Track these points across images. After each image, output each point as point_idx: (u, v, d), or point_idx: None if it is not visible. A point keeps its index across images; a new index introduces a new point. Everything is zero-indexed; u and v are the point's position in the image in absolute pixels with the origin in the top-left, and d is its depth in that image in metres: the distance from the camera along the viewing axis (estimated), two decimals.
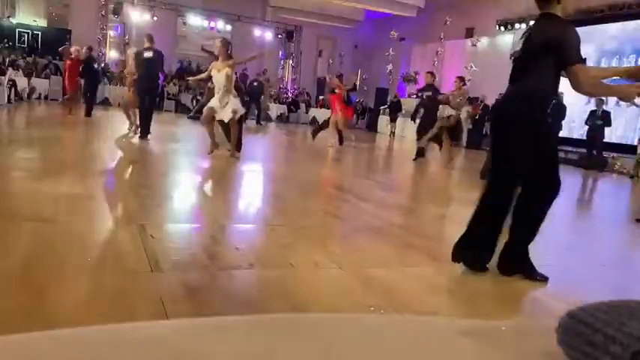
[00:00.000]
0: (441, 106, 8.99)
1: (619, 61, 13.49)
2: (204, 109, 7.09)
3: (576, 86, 2.64)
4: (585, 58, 2.71)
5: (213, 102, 6.94)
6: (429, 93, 9.68)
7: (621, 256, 4.27)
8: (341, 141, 11.01)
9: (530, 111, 2.68)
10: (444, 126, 8.95)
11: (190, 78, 8.91)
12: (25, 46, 18.20)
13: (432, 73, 10.18)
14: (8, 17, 18.32)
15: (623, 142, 13.06)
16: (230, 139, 7.17)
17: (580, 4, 3.47)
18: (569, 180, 8.96)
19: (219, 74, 6.90)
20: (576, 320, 0.51)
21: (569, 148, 12.85)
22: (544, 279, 2.88)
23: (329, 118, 11.37)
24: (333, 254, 3.06)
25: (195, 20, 20.81)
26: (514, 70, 2.82)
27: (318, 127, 11.38)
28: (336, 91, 11.01)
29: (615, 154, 12.48)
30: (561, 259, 3.56)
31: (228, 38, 8.68)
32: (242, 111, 7.20)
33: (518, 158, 2.78)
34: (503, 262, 2.91)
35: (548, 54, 2.62)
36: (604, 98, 11.45)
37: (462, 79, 9.46)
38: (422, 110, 10.15)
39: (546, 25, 2.69)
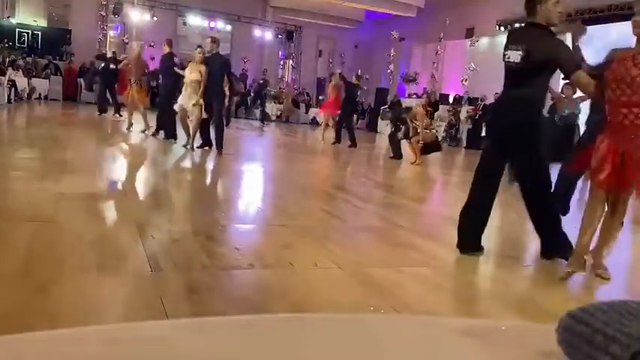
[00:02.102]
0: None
1: None
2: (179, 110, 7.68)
3: (583, 90, 3.16)
4: (583, 57, 3.07)
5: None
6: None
7: (623, 256, 4.25)
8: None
9: (530, 113, 3.12)
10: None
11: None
12: (25, 46, 18.14)
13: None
14: (8, 17, 18.28)
15: None
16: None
17: (582, 4, 3.67)
18: None
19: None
20: (576, 320, 0.51)
21: None
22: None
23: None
24: (332, 254, 3.06)
25: (195, 20, 20.76)
26: (514, 77, 3.14)
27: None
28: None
29: None
30: None
31: (228, 38, 8.81)
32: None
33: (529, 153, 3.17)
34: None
35: (547, 69, 3.06)
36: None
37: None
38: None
39: (544, 45, 3.02)
